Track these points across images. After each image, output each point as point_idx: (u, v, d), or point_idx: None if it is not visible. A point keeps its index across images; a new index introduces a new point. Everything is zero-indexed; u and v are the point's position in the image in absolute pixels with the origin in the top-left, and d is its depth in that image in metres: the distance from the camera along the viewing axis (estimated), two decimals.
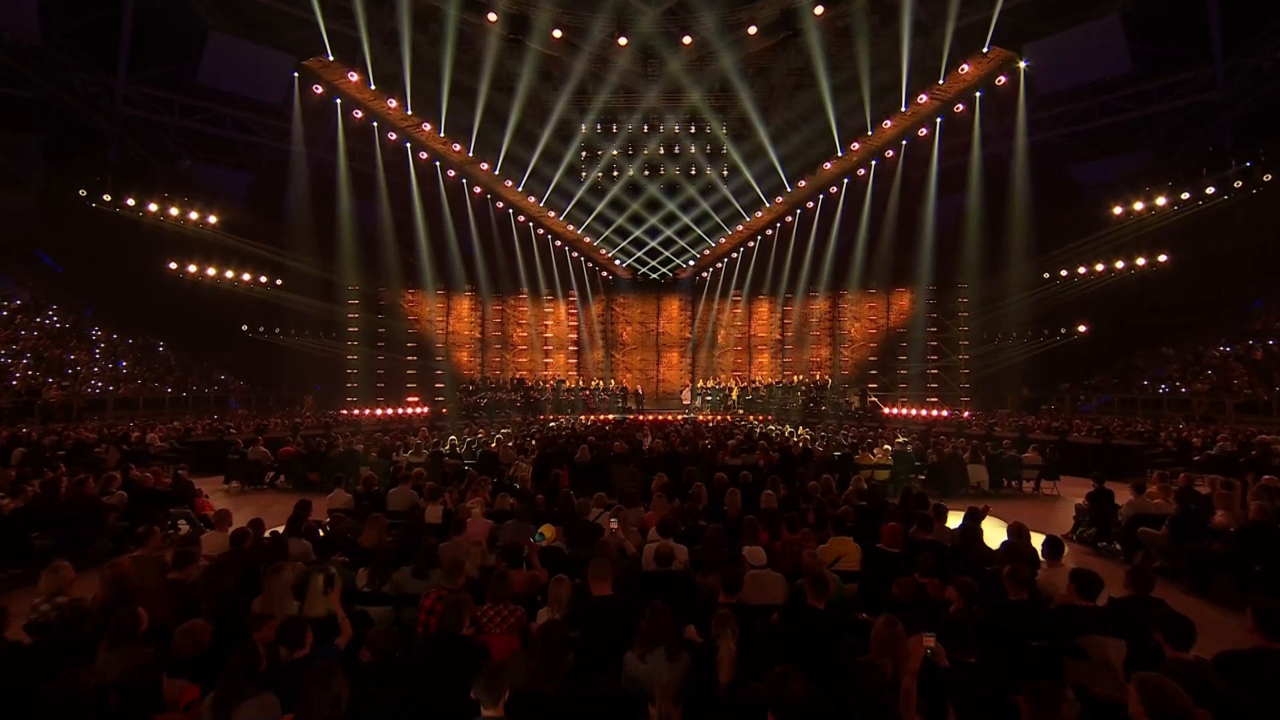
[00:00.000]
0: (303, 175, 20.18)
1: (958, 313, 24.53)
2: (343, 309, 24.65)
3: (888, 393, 24.95)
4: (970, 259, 20.71)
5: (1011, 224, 19.09)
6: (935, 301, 24.77)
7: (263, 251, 21.97)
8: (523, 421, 18.80)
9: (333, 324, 24.55)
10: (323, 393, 24.85)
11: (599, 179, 22.68)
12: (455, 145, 20.13)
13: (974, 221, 19.37)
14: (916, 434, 13.98)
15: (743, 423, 18.83)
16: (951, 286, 23.96)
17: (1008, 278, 21.43)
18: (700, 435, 14.88)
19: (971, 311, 23.92)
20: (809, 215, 24.48)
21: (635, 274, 27.93)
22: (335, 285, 23.96)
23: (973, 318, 23.71)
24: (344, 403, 23.94)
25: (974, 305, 23.75)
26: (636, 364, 28.43)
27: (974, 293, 23.35)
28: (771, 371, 27.89)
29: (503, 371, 27.71)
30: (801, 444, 12.85)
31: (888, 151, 20.28)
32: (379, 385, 25.44)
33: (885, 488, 11.51)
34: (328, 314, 24.20)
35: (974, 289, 21.69)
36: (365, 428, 17.48)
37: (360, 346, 25.11)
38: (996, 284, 21.92)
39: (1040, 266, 21.59)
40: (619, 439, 13.92)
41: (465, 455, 12.46)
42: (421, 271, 23.83)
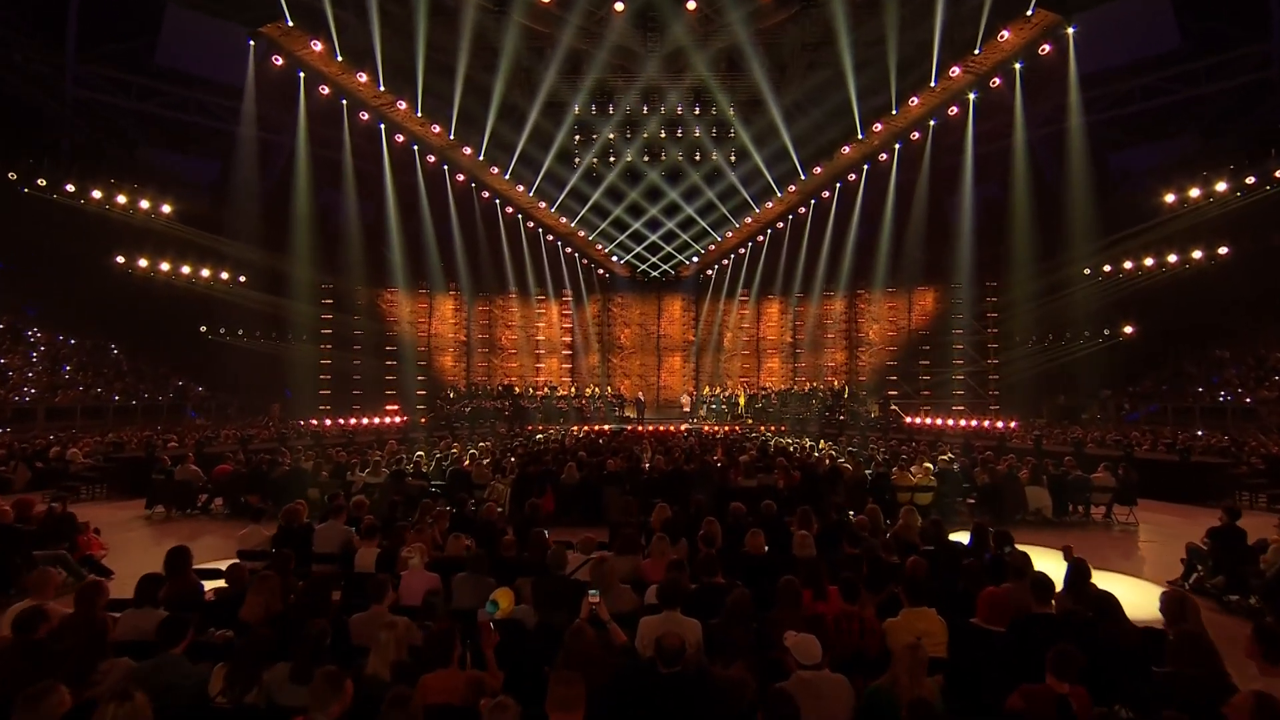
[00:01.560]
0: (253, 161, 18.69)
1: (986, 313, 23.22)
2: (315, 309, 23.33)
3: (910, 401, 23.71)
4: (1013, 253, 19.28)
5: (1064, 213, 17.61)
6: (962, 301, 23.39)
7: (227, 246, 20.60)
8: (507, 433, 17.34)
9: (304, 325, 23.22)
10: (293, 400, 23.50)
11: (594, 164, 21.37)
12: (434, 127, 18.80)
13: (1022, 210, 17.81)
14: (957, 447, 12.50)
15: (754, 434, 17.36)
16: (980, 285, 22.64)
17: (1047, 273, 20.01)
18: (707, 450, 13.44)
19: (1002, 312, 22.62)
20: (824, 206, 23.23)
21: (634, 271, 26.85)
22: (307, 283, 22.66)
23: (1004, 318, 22.37)
24: (316, 411, 22.57)
25: (1005, 304, 22.47)
26: (635, 369, 27.37)
27: (1008, 291, 22.06)
28: (782, 377, 26.81)
29: (489, 377, 26.57)
30: (827, 461, 11.38)
31: (913, 134, 18.90)
32: (355, 393, 24.20)
33: (928, 513, 10.12)
34: (298, 315, 22.90)
35: (1017, 286, 20.20)
36: (331, 439, 16.02)
37: (334, 350, 23.87)
38: (1031, 281, 20.48)
39: (1078, 262, 20.16)
40: (614, 454, 12.52)
41: (433, 474, 11.01)
42: (395, 268, 22.44)
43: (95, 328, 20.54)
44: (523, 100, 18.94)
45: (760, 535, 5.44)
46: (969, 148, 17.64)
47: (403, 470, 10.42)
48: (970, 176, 18.14)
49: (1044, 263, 19.96)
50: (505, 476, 10.50)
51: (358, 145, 20.52)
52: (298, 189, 18.70)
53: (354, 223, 20.43)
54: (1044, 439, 13.71)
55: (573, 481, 10.36)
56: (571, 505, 10.32)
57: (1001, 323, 22.60)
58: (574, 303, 26.86)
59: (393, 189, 20.28)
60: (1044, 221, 19.44)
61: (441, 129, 18.94)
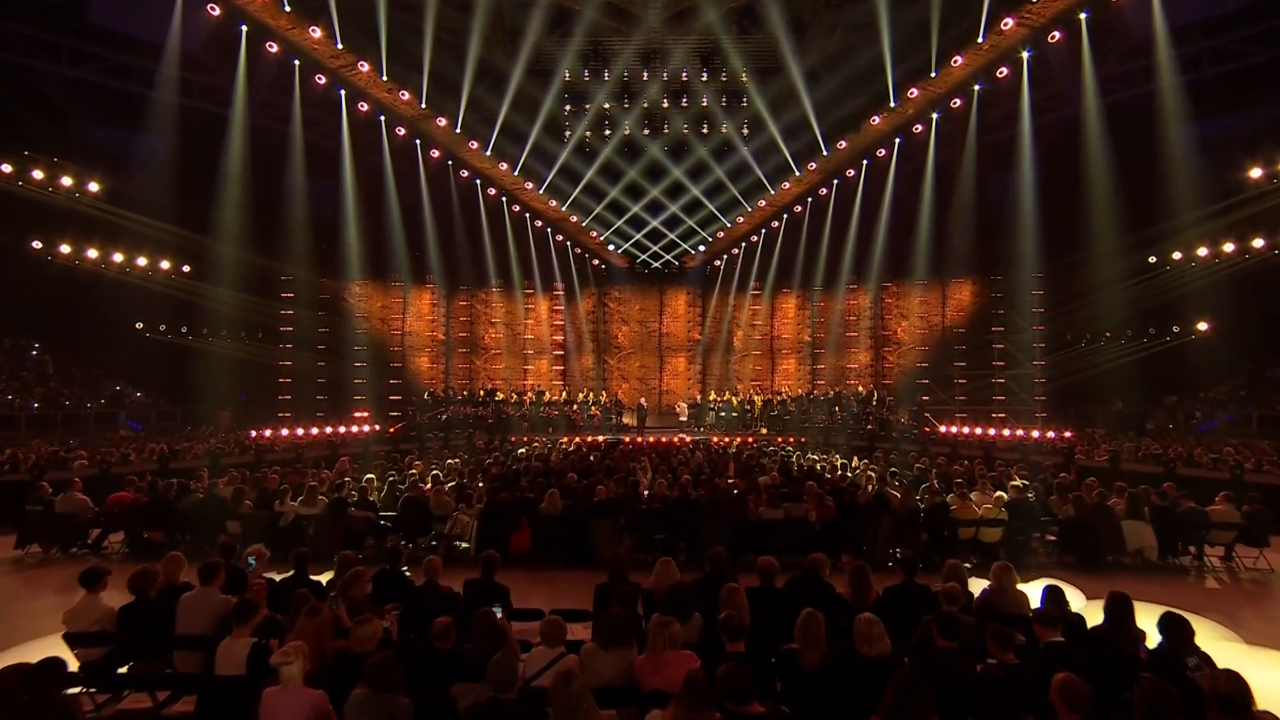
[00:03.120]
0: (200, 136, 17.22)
1: (1031, 309, 21.70)
2: (273, 304, 21.98)
3: (944, 407, 22.35)
4: (1062, 239, 17.76)
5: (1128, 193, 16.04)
6: (1023, 293, 21.74)
7: (168, 233, 19.10)
8: (485, 446, 15.83)
9: (261, 323, 21.82)
10: (248, 406, 22.11)
11: (587, 138, 20.01)
12: (403, 93, 17.32)
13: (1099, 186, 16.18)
14: (1021, 467, 10.95)
15: (770, 448, 15.84)
16: (1025, 276, 21.03)
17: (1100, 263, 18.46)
18: (718, 468, 11.94)
19: (1049, 307, 21.14)
20: (849, 186, 21.80)
21: (633, 262, 25.72)
22: (265, 275, 21.29)
23: (1056, 314, 20.89)
24: (274, 419, 21.30)
25: (1052, 298, 21.02)
26: (635, 372, 26.21)
27: (1053, 283, 20.63)
28: (800, 381, 25.59)
29: (471, 381, 25.42)
30: (867, 485, 9.86)
31: (953, 101, 17.37)
32: (319, 398, 22.78)
33: (995, 553, 8.60)
34: (255, 311, 21.50)
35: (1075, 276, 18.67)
36: (279, 454, 14.53)
37: (295, 351, 22.50)
38: (1083, 273, 18.94)
39: (1135, 249, 18.65)
40: (608, 475, 11.03)
41: (384, 502, 9.51)
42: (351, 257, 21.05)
43: (12, 324, 19.04)
44: (504, 61, 17.47)
45: (820, 626, 3.86)
46: (1025, 115, 16.08)
47: (344, 499, 8.91)
48: (1029, 149, 16.56)
49: (1097, 250, 18.50)
50: (471, 506, 8.99)
51: (315, 117, 19.11)
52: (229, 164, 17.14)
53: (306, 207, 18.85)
54: (1120, 456, 12.16)
55: (554, 512, 8.88)
56: (553, 541, 8.84)
57: (1051, 319, 21.03)
58: (565, 297, 25.79)
59: (352, 166, 18.80)
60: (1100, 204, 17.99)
61: (411, 95, 17.48)
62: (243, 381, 21.90)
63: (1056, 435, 18.30)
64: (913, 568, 5.35)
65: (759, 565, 5.45)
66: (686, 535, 8.85)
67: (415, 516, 9.07)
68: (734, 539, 8.70)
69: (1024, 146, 16.64)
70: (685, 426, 22.41)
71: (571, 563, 8.66)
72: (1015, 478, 9.81)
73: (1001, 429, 19.67)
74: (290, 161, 18.06)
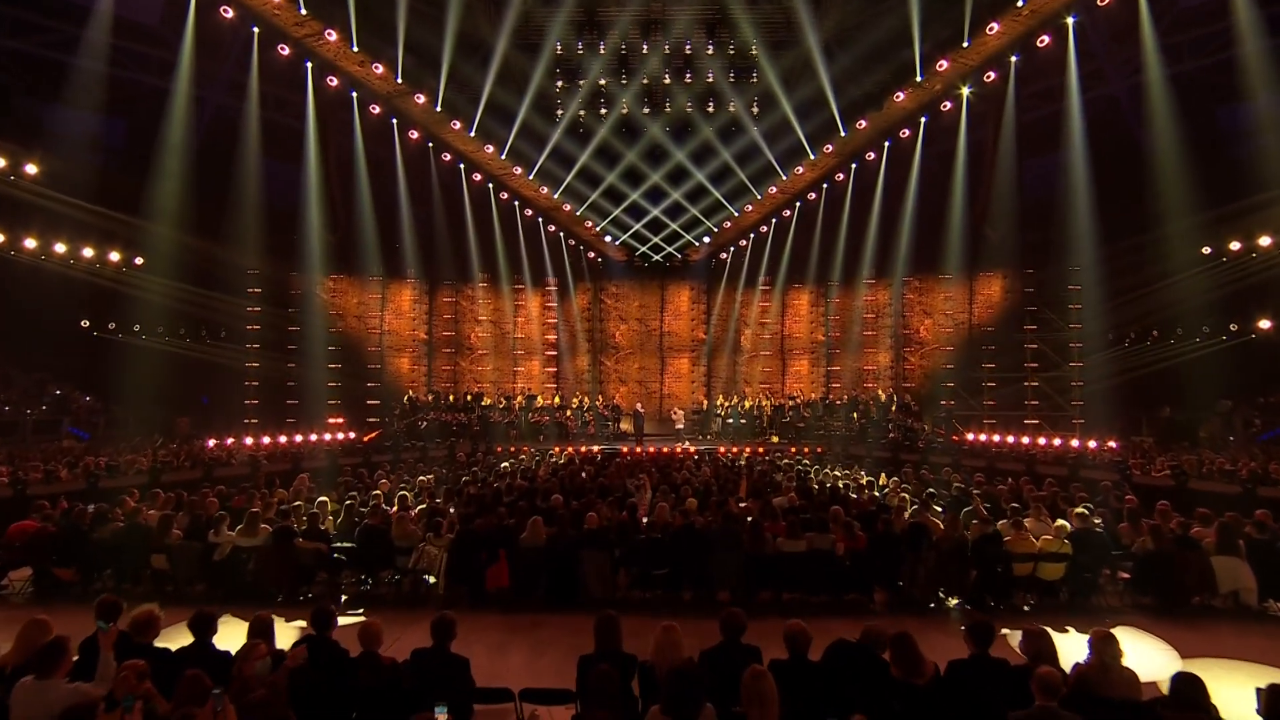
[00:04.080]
0: None
1: (1068, 304, 20.76)
2: (239, 300, 21.09)
3: (972, 412, 21.44)
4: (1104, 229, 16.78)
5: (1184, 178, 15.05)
6: (1035, 290, 21.00)
7: (124, 223, 18.13)
8: (467, 459, 14.88)
9: (224, 322, 20.99)
10: (211, 413, 21.26)
11: (580, 116, 19.20)
12: (376, 66, 16.42)
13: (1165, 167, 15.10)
14: (1074, 484, 9.96)
15: (784, 460, 14.88)
16: (1058, 269, 20.13)
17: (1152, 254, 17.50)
18: (727, 487, 10.97)
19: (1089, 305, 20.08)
20: (869, 171, 20.94)
21: (632, 255, 24.99)
22: (228, 270, 20.41)
23: (1095, 313, 19.86)
24: (240, 426, 20.48)
25: (1092, 294, 19.86)
26: (634, 374, 25.53)
27: (1094, 276, 19.46)
28: (813, 384, 24.87)
29: (456, 384, 24.71)
30: (902, 509, 8.88)
31: (987, 74, 16.41)
32: (290, 403, 21.94)
33: (1057, 591, 7.66)
34: (217, 308, 20.67)
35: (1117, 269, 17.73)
36: (237, 466, 13.59)
37: (264, 351, 21.65)
38: (1133, 264, 17.98)
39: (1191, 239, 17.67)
40: (602, 495, 10.09)
41: (340, 530, 8.56)
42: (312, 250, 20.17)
43: None
44: (488, 30, 16.59)
45: None
46: (1073, 87, 15.06)
47: (290, 527, 7.93)
48: (1079, 125, 15.49)
49: (1140, 240, 17.60)
50: (440, 537, 8.02)
51: (284, 96, 18.22)
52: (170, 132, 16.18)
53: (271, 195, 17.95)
54: (1185, 473, 11.16)
55: (537, 543, 7.94)
56: (535, 577, 7.91)
57: (1091, 316, 20.04)
58: (558, 293, 25.15)
59: (317, 147, 17.86)
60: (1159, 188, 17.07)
61: (386, 69, 16.59)
62: (205, 386, 21.24)
63: (1099, 445, 17.42)
64: (986, 638, 4.34)
65: (787, 633, 4.46)
66: (692, 570, 7.93)
67: (375, 548, 8.11)
68: (748, 574, 7.81)
69: (1072, 122, 15.59)
70: (688, 434, 21.66)
71: (557, 602, 7.78)
72: (1077, 501, 8.84)
73: (1036, 437, 18.86)
74: (252, 143, 17.01)
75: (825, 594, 7.86)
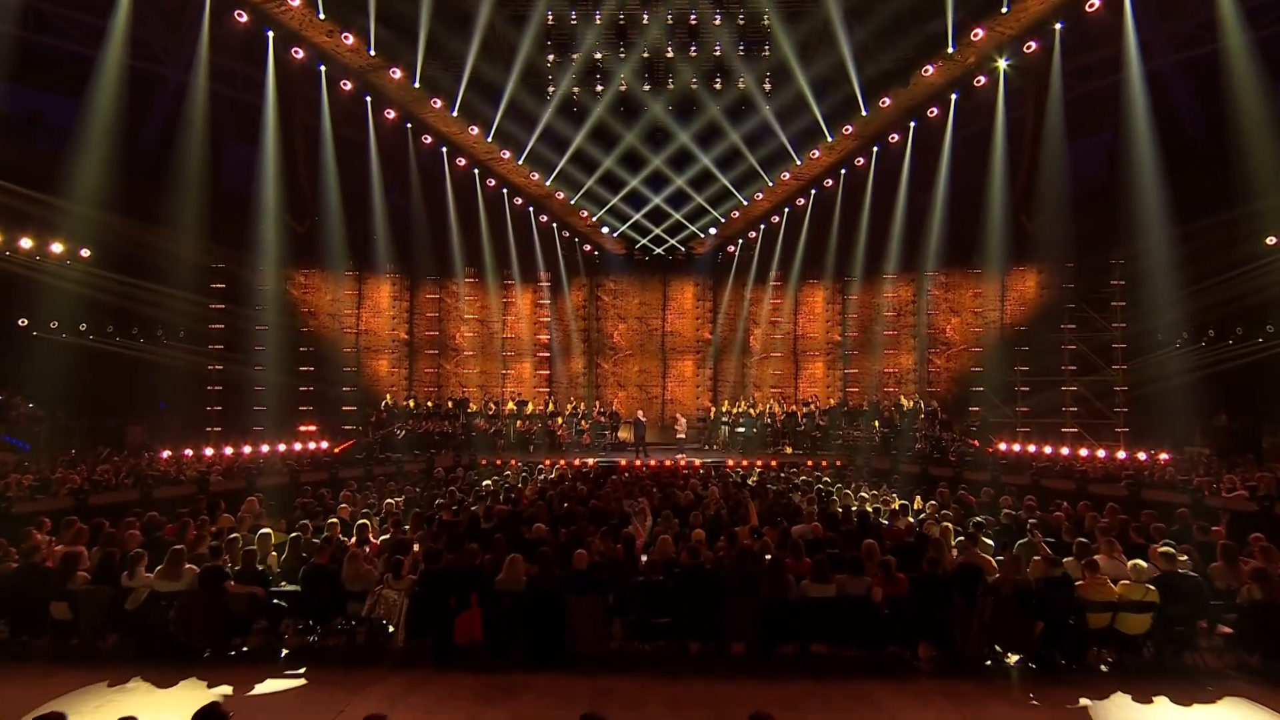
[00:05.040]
0: None
1: (1110, 302, 19.97)
2: (201, 298, 20.16)
3: (1005, 420, 20.82)
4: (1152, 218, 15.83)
5: None
6: (1075, 286, 20.32)
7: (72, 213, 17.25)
8: (445, 475, 13.96)
9: (183, 320, 20.05)
10: (170, 421, 20.41)
11: (574, 93, 18.57)
12: (346, 36, 15.63)
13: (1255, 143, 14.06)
14: (1146, 511, 8.99)
15: (802, 478, 13.96)
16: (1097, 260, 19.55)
17: None
18: (739, 510, 10.05)
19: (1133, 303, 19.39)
20: (893, 154, 20.21)
21: (631, 247, 24.57)
22: (187, 264, 19.45)
23: (1141, 312, 19.13)
24: (203, 434, 19.79)
25: (1136, 291, 19.24)
26: (633, 378, 25.07)
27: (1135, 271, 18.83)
28: (829, 389, 24.46)
29: (440, 388, 24.30)
30: (945, 542, 7.93)
31: (1027, 44, 15.51)
32: (257, 409, 21.05)
33: (1140, 647, 6.73)
34: (176, 306, 19.64)
35: None
36: (183, 485, 12.67)
37: (229, 352, 20.96)
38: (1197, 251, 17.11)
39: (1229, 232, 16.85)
40: (593, 521, 9.21)
41: (286, 568, 7.68)
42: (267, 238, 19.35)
43: None
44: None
45: None
46: (1132, 52, 14.08)
47: (220, 567, 7.00)
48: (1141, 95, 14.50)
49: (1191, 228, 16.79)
50: (400, 578, 7.09)
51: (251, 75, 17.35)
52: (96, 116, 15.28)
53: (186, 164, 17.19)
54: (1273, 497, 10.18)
55: (516, 587, 7.05)
56: (514, 628, 7.03)
57: (1136, 317, 19.26)
58: (551, 290, 24.76)
59: (277, 124, 17.02)
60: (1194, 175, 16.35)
61: (357, 40, 15.77)
62: (163, 390, 20.22)
63: (1149, 457, 16.58)
64: None
65: None
66: (700, 619, 7.01)
67: (322, 592, 7.18)
68: (767, 623, 6.90)
69: (1134, 91, 14.58)
70: (690, 445, 21.12)
71: (540, 660, 6.91)
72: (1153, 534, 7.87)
73: (1078, 448, 18.07)
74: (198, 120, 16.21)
75: (860, 648, 6.98)
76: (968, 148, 19.22)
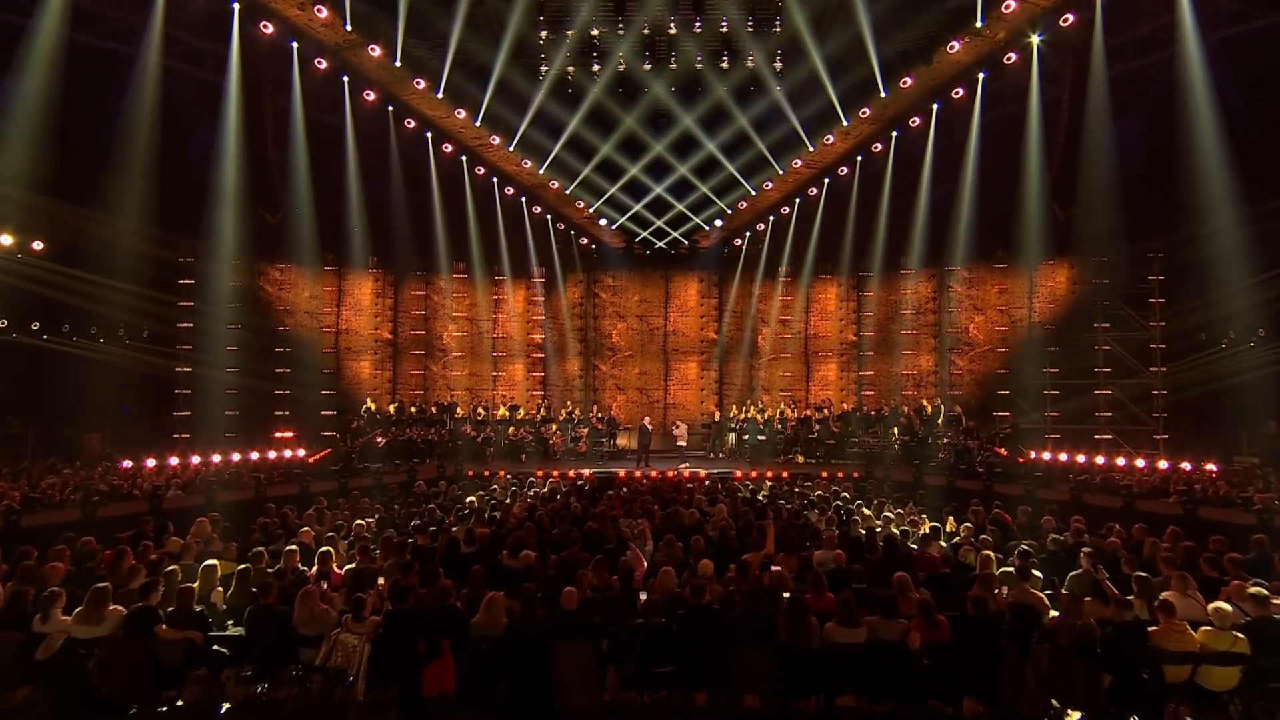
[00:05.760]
0: None
1: (1149, 298, 19.39)
2: (166, 295, 19.62)
3: (1033, 427, 20.15)
4: None
5: None
6: (1111, 281, 19.65)
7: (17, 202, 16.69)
8: (426, 489, 13.21)
9: (151, 320, 19.43)
10: (133, 428, 19.79)
11: (569, 73, 17.89)
12: (320, 9, 15.06)
13: None
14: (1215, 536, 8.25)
15: (818, 493, 13.23)
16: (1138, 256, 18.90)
17: None
18: (750, 534, 9.32)
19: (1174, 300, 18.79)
20: (914, 139, 19.73)
21: (631, 241, 24.31)
22: (153, 257, 18.79)
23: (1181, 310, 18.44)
24: (168, 442, 19.29)
25: (1177, 286, 18.62)
26: (633, 380, 24.82)
27: None
28: (842, 391, 24.17)
29: (427, 391, 23.93)
30: (988, 574, 7.19)
31: (1064, 16, 14.82)
32: (228, 414, 20.42)
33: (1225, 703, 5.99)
34: (143, 302, 18.99)
35: None
36: (132, 503, 11.95)
37: (197, 354, 20.28)
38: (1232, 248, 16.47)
39: None
40: (587, 548, 8.56)
41: (232, 608, 7.02)
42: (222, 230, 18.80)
43: None
44: None
45: None
46: (1187, 23, 13.35)
47: (151, 608, 6.27)
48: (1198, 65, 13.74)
49: None
50: (364, 617, 6.39)
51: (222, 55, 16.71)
52: None
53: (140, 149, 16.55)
54: None
55: (494, 631, 6.37)
56: (492, 680, 6.37)
57: (1177, 316, 18.58)
58: (545, 286, 24.55)
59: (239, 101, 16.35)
60: None
61: (331, 14, 15.22)
62: (127, 395, 19.37)
63: (1193, 468, 15.91)
64: None
65: None
66: (708, 668, 6.31)
67: (270, 637, 6.45)
68: (786, 674, 6.18)
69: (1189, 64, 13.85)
70: (693, 453, 20.60)
71: (522, 716, 6.23)
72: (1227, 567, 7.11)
73: (1113, 456, 17.40)
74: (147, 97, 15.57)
75: (894, 703, 6.26)
76: (992, 132, 18.63)
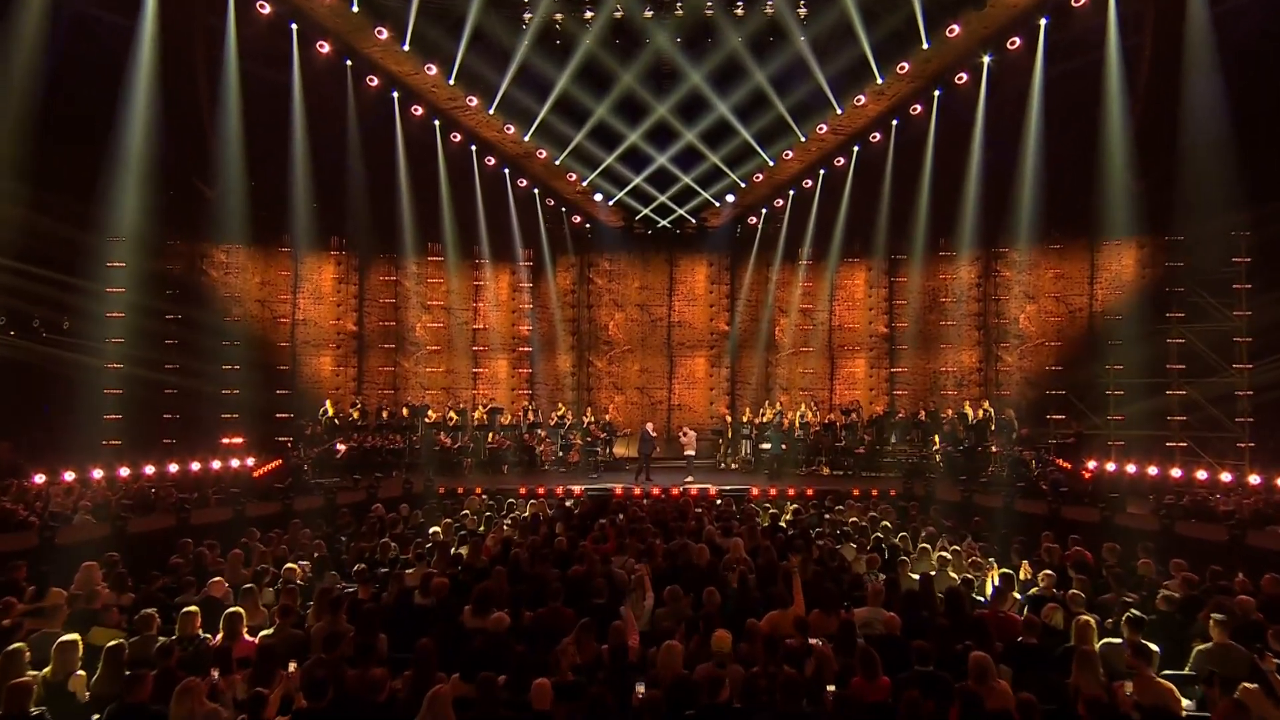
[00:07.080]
0: None
1: (1232, 284, 18.60)
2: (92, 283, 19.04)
3: (1097, 433, 19.66)
4: None
5: None
6: (1187, 264, 19.05)
7: None
8: (384, 514, 12.10)
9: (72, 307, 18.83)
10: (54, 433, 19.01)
11: (557, 21, 17.15)
12: None
13: None
14: None
15: (852, 520, 12.07)
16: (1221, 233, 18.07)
17: None
18: (773, 580, 8.12)
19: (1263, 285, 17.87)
20: (956, 101, 19.08)
21: (630, 219, 23.78)
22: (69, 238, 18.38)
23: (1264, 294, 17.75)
24: (97, 450, 18.04)
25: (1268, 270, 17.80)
26: (633, 378, 24.38)
27: None
28: (871, 390, 23.70)
29: (397, 391, 23.40)
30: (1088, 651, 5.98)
31: None
32: (167, 417, 20.17)
33: None
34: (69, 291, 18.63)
35: None
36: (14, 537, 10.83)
37: (127, 348, 19.56)
38: None
39: None
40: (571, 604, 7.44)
41: (93, 701, 5.95)
42: None
43: None
44: None
45: None
46: None
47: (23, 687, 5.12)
48: None
49: None
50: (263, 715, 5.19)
51: None
52: None
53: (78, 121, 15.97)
54: None
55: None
56: None
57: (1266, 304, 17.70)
58: (533, 271, 24.06)
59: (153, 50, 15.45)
60: None
61: None
62: (47, 397, 18.94)
63: None
64: None
65: None
66: None
67: None
68: None
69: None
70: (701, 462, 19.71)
71: None
72: None
73: (1194, 470, 16.43)
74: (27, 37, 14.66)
75: None
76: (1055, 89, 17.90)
